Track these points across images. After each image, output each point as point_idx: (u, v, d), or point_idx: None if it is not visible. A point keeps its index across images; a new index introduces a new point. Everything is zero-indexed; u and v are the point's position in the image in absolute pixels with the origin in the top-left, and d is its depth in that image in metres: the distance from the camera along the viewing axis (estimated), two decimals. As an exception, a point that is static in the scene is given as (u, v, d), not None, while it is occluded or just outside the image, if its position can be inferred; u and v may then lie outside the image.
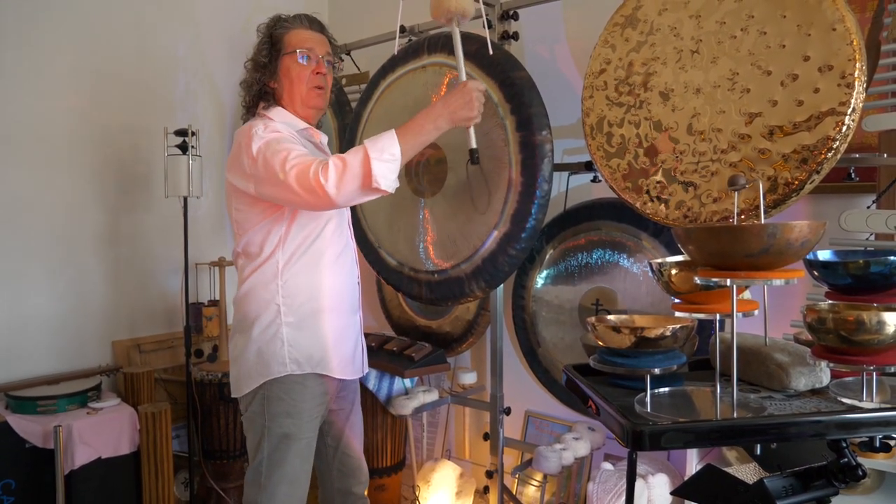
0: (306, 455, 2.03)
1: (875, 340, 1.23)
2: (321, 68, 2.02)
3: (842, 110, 1.77)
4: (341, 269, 2.08)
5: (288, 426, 1.98)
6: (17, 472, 2.62)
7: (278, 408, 1.98)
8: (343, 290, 2.08)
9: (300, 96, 2.00)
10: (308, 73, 2.00)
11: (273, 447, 1.98)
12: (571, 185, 2.92)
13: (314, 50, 2.02)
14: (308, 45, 2.01)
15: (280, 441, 1.98)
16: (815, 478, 1.36)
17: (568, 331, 2.86)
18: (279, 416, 1.98)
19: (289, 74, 2.00)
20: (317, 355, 2.00)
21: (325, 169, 1.73)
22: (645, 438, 1.20)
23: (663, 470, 2.52)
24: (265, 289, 2.01)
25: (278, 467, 1.97)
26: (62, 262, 3.07)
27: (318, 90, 2.03)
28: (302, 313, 1.99)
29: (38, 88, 2.99)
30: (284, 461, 1.97)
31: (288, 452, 1.97)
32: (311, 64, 2.00)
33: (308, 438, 2.02)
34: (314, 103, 2.03)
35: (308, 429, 2.02)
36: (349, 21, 4.00)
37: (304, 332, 1.99)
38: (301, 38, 2.02)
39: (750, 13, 1.97)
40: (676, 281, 1.46)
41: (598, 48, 2.30)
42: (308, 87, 2.00)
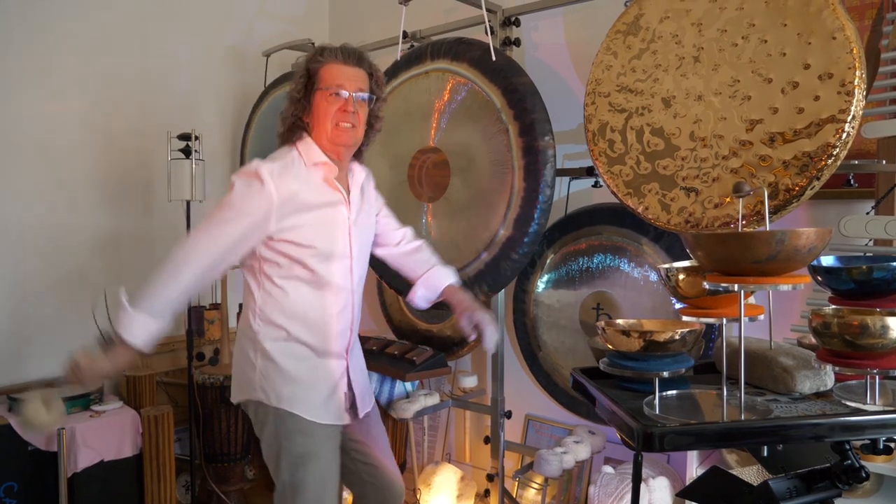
0: (330, 477, 1.96)
1: (879, 344, 1.26)
2: (349, 106, 1.95)
3: (842, 117, 1.80)
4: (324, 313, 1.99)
5: (305, 445, 1.92)
6: (20, 474, 2.62)
7: (292, 425, 1.93)
8: (323, 333, 1.99)
9: (326, 133, 1.96)
10: (334, 111, 1.95)
11: (292, 469, 1.92)
12: (572, 190, 2.95)
13: (343, 86, 1.95)
14: (338, 82, 1.95)
15: (298, 462, 1.92)
16: (818, 480, 1.39)
17: (568, 335, 2.88)
18: (293, 435, 1.93)
19: (318, 111, 1.96)
20: (285, 393, 1.94)
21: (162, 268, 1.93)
22: (655, 440, 1.22)
23: (664, 473, 2.54)
24: (248, 308, 2.02)
25: (301, 491, 1.91)
26: (65, 264, 3.08)
27: (345, 128, 1.96)
28: (274, 346, 1.96)
29: (43, 92, 3.00)
30: (306, 483, 1.91)
31: (307, 474, 1.91)
32: (338, 101, 1.95)
33: (326, 459, 1.96)
34: (340, 140, 1.97)
35: (328, 447, 1.97)
36: (350, 26, 4.03)
37: (274, 364, 1.95)
38: (332, 75, 1.96)
39: (751, 21, 2.00)
40: (684, 286, 1.49)
41: (601, 55, 2.33)
42: (333, 125, 1.95)
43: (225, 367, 3.23)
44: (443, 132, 2.74)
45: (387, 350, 3.17)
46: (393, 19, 2.88)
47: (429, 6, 3.07)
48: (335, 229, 1.98)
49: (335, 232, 1.98)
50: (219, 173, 3.65)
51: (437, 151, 2.75)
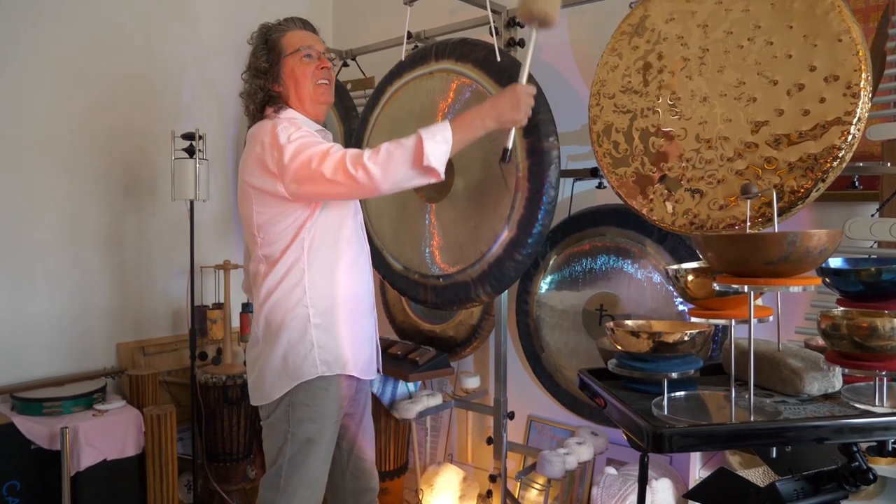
0: (325, 458, 2.04)
1: (888, 346, 1.26)
2: (325, 63, 2.04)
3: (847, 120, 1.80)
4: (359, 271, 2.10)
5: (311, 431, 1.99)
6: (23, 473, 2.62)
7: (303, 413, 1.99)
8: (361, 291, 2.10)
9: (308, 94, 2.01)
10: (312, 70, 2.01)
11: (295, 451, 1.99)
12: (576, 191, 2.95)
13: (314, 47, 2.03)
14: (307, 43, 2.03)
15: (303, 446, 1.99)
16: (825, 481, 1.39)
17: (571, 336, 2.89)
18: (303, 422, 1.99)
19: (293, 75, 2.01)
20: (343, 356, 2.02)
21: (371, 154, 1.81)
22: (665, 440, 1.22)
23: (666, 475, 2.54)
24: (292, 293, 2.01)
25: (298, 471, 1.98)
26: (68, 264, 3.08)
27: (325, 85, 2.04)
28: (327, 315, 2.01)
29: (46, 91, 3.00)
30: (305, 465, 1.99)
31: (308, 457, 1.99)
32: (314, 60, 2.02)
33: (328, 442, 2.04)
34: (323, 99, 2.04)
35: (329, 433, 2.04)
36: (355, 26, 4.03)
37: (330, 334, 2.00)
38: (299, 38, 2.04)
39: (757, 23, 2.00)
40: (693, 287, 1.49)
41: (606, 56, 2.33)
42: (314, 84, 2.02)
43: (227, 366, 3.23)
44: (447, 133, 2.74)
45: (389, 350, 3.17)
46: (397, 20, 2.88)
47: (433, 7, 3.07)
48: None
49: None
50: (222, 173, 3.65)
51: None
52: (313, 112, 2.05)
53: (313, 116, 2.05)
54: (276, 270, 2.01)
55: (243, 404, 3.09)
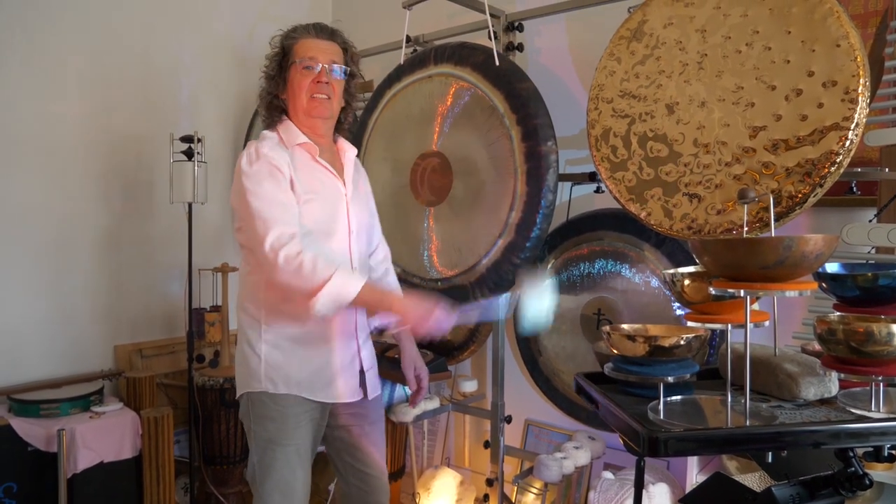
0: (297, 463, 1.96)
1: (884, 352, 1.26)
2: (322, 76, 1.97)
3: (845, 125, 1.80)
4: None
5: (272, 431, 1.94)
6: (20, 475, 2.62)
7: (262, 411, 1.96)
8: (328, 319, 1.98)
9: (302, 107, 1.98)
10: (308, 83, 1.97)
11: (261, 453, 1.95)
12: (574, 196, 2.95)
13: (316, 58, 1.98)
14: (310, 54, 1.98)
15: (267, 446, 1.94)
16: (822, 487, 1.39)
17: (569, 340, 2.88)
18: (263, 420, 1.95)
19: (293, 85, 1.98)
20: (294, 377, 1.96)
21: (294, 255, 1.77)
22: (660, 445, 1.22)
23: (664, 479, 2.54)
24: (251, 302, 2.01)
25: (268, 474, 1.94)
26: (66, 266, 3.08)
27: (320, 99, 1.98)
28: (282, 333, 1.97)
29: (46, 94, 3.00)
30: (273, 468, 1.93)
31: (275, 459, 1.94)
32: (311, 73, 1.97)
33: (296, 445, 1.96)
34: (316, 112, 1.99)
35: (295, 436, 1.96)
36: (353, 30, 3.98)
37: (283, 352, 1.97)
38: (306, 48, 1.99)
39: (755, 28, 2.00)
40: (689, 291, 1.49)
41: (604, 60, 2.33)
42: (308, 97, 1.97)
43: (225, 369, 3.23)
44: (445, 136, 2.74)
45: (387, 354, 3.16)
46: (396, 23, 2.89)
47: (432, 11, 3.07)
48: (332, 205, 2.00)
49: (333, 209, 1.99)
50: (221, 176, 3.65)
51: (439, 156, 2.75)
52: (307, 124, 2.01)
53: (308, 128, 2.01)
54: (244, 277, 2.05)
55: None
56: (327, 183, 2.00)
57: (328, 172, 2.01)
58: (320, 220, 1.95)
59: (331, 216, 1.98)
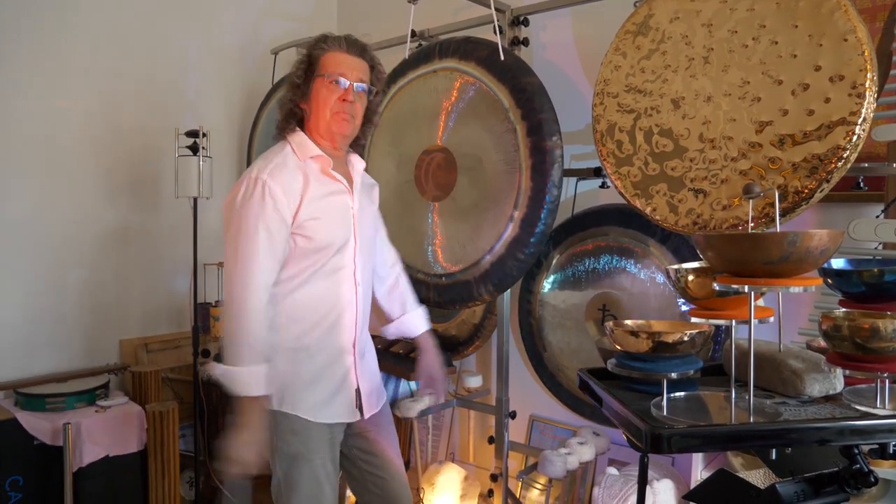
0: (324, 478, 1.93)
1: (890, 348, 1.25)
2: (348, 96, 1.94)
3: (852, 120, 1.79)
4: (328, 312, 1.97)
5: (296, 445, 1.91)
6: (26, 468, 2.64)
7: (284, 425, 1.92)
8: (326, 330, 1.96)
9: (324, 121, 1.94)
10: (334, 99, 1.93)
11: (286, 468, 1.92)
12: (579, 191, 2.94)
13: (345, 75, 1.94)
14: (340, 70, 1.93)
15: (291, 461, 1.92)
16: (826, 484, 1.38)
17: (574, 336, 2.88)
18: (285, 434, 1.92)
19: (317, 98, 1.94)
20: (288, 396, 1.92)
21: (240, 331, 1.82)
22: (663, 441, 1.22)
23: (668, 476, 2.53)
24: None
25: (294, 490, 1.90)
26: (72, 260, 3.09)
27: (343, 117, 1.96)
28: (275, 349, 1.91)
29: (52, 89, 3.00)
30: (299, 483, 1.90)
31: (301, 474, 1.91)
32: (338, 89, 1.93)
33: (322, 459, 1.93)
34: (337, 129, 1.96)
35: (320, 449, 1.93)
36: (358, 24, 4.02)
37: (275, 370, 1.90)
38: (335, 62, 1.95)
39: (762, 23, 1.99)
40: (693, 287, 1.48)
41: (610, 55, 2.32)
42: (331, 113, 1.94)
43: (230, 364, 3.23)
44: (450, 131, 2.74)
45: (391, 349, 3.17)
46: (401, 18, 2.88)
47: (437, 5, 3.07)
48: (339, 219, 1.97)
49: (339, 221, 1.96)
50: (226, 170, 3.66)
51: (444, 151, 2.74)
52: (327, 137, 1.98)
53: (326, 141, 1.98)
54: None
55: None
56: (336, 197, 1.97)
57: (339, 185, 1.98)
58: (326, 235, 1.92)
59: (337, 231, 1.95)
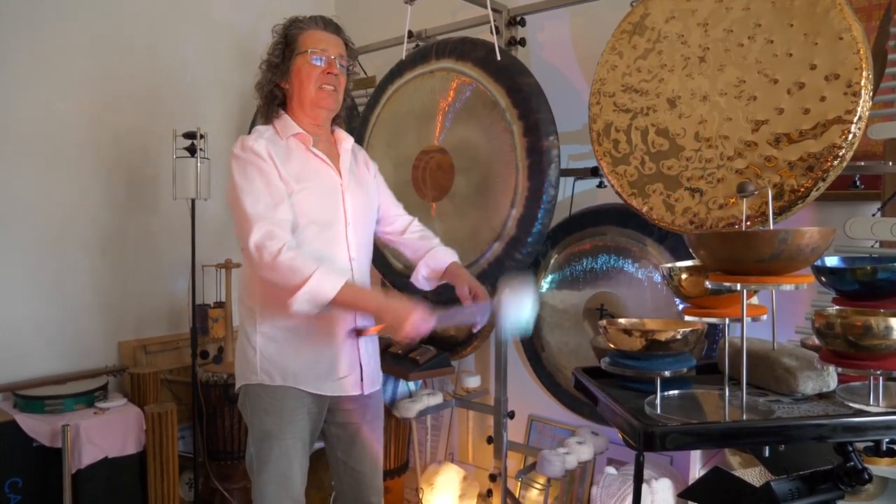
0: (293, 456, 1.97)
1: (882, 345, 1.25)
2: (332, 68, 1.99)
3: (848, 118, 1.79)
4: None
5: (268, 423, 1.95)
6: (25, 470, 2.63)
7: (257, 404, 1.97)
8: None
9: (309, 97, 1.98)
10: (318, 73, 1.97)
11: (258, 444, 1.96)
12: (577, 191, 2.94)
13: (327, 51, 1.99)
14: (321, 46, 1.99)
15: (263, 438, 1.96)
16: (821, 481, 1.38)
17: (572, 335, 2.88)
18: (258, 413, 1.97)
19: (299, 74, 1.98)
20: (290, 368, 1.96)
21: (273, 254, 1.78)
22: (656, 439, 1.22)
23: (667, 475, 2.53)
24: (247, 294, 2.02)
25: (265, 466, 1.95)
26: (70, 262, 3.09)
27: (328, 90, 2.00)
28: (277, 325, 1.97)
29: (49, 91, 3.01)
30: (269, 459, 1.94)
31: (271, 451, 1.94)
32: (322, 64, 1.98)
33: (292, 438, 1.96)
34: (324, 104, 2.00)
35: (291, 429, 1.96)
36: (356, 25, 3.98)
37: (278, 344, 1.97)
38: (315, 39, 2.00)
39: (757, 22, 1.99)
40: (686, 285, 1.48)
41: (606, 55, 2.32)
42: (317, 87, 1.98)
43: (229, 365, 3.23)
44: (447, 132, 2.74)
45: (390, 349, 3.17)
46: (398, 18, 2.88)
47: (434, 5, 3.07)
48: (327, 196, 1.98)
49: (328, 198, 1.98)
50: (224, 172, 3.64)
51: (441, 151, 2.75)
52: (311, 115, 2.01)
53: (310, 118, 2.02)
54: (243, 270, 2.07)
55: (243, 402, 3.09)
56: (321, 172, 1.99)
57: (322, 162, 2.00)
58: (313, 210, 1.94)
59: (325, 206, 1.97)
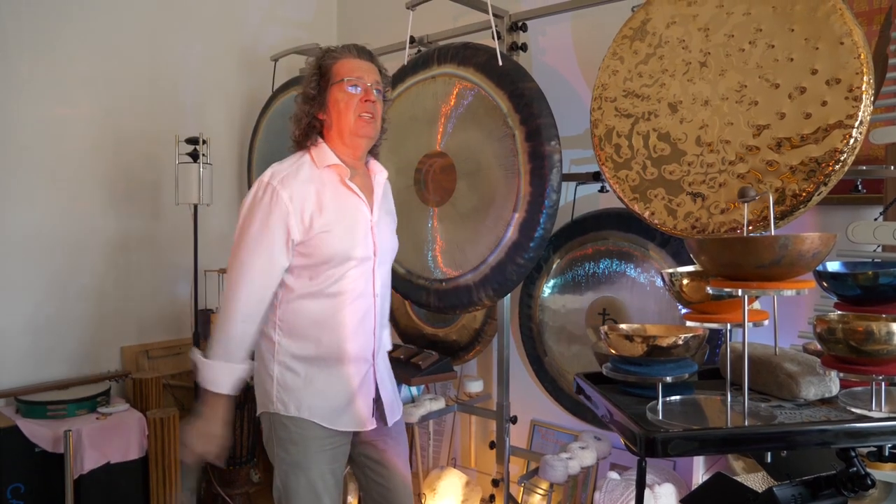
0: (321, 489, 1.93)
1: (884, 351, 1.24)
2: (369, 96, 1.96)
3: (849, 123, 1.79)
4: (345, 319, 1.97)
5: (294, 454, 1.92)
6: (27, 475, 2.64)
7: (284, 434, 1.94)
8: (344, 340, 1.97)
9: (348, 126, 1.95)
10: (356, 102, 1.94)
11: (284, 476, 1.93)
12: (579, 195, 2.94)
13: (363, 78, 1.96)
14: (356, 74, 1.96)
15: (290, 469, 1.93)
16: (824, 487, 1.38)
17: (574, 340, 2.88)
18: (284, 442, 1.94)
19: (337, 105, 1.95)
20: (306, 401, 1.94)
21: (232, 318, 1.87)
22: (658, 445, 1.21)
23: (670, 480, 2.53)
24: (267, 320, 1.99)
25: (292, 499, 1.92)
26: (73, 267, 3.10)
27: (367, 118, 1.96)
28: (294, 355, 1.96)
29: (53, 97, 3.02)
30: (297, 493, 1.92)
31: (298, 484, 1.92)
32: (358, 92, 1.95)
33: (320, 471, 1.94)
34: (363, 132, 1.97)
35: (318, 460, 1.94)
36: (358, 31, 4.04)
37: (294, 375, 1.95)
38: (349, 68, 1.97)
39: (758, 26, 1.99)
40: (688, 290, 1.48)
41: (607, 60, 2.32)
42: (356, 116, 1.95)
43: (231, 370, 3.23)
44: (449, 137, 2.74)
45: (392, 354, 3.14)
46: (400, 24, 2.89)
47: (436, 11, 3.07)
48: (356, 231, 1.96)
49: (356, 234, 1.96)
50: (226, 177, 3.67)
51: (443, 156, 2.75)
52: (351, 145, 1.98)
53: (350, 148, 1.99)
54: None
55: (247, 408, 3.09)
56: (352, 209, 1.97)
57: (355, 197, 1.97)
58: (339, 248, 1.92)
59: (352, 243, 1.95)
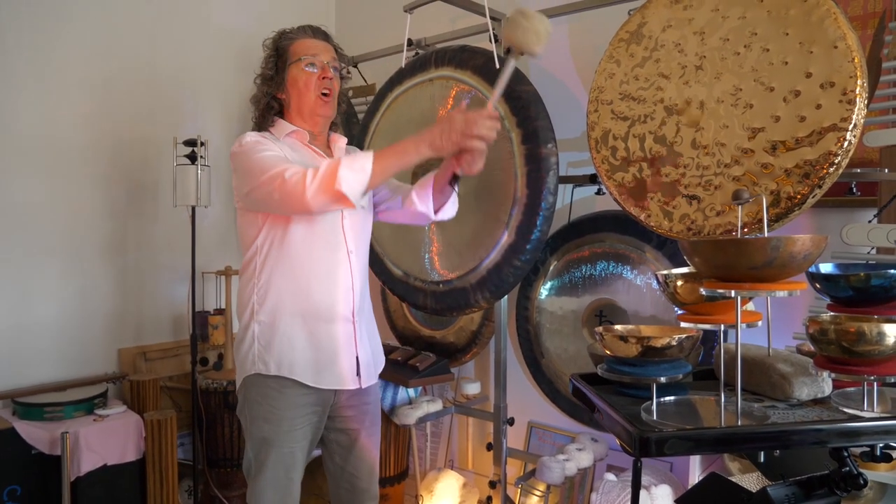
0: (290, 464, 1.99)
1: (876, 351, 1.26)
2: (327, 73, 2.03)
3: (843, 126, 1.80)
4: (321, 274, 2.00)
5: (266, 431, 1.96)
6: (24, 478, 2.64)
7: (256, 411, 1.98)
8: (322, 296, 1.99)
9: (308, 105, 2.02)
10: (314, 80, 2.01)
11: (256, 450, 1.98)
12: (575, 198, 2.95)
13: (319, 56, 2.03)
14: (313, 52, 2.03)
15: (260, 445, 1.97)
16: (817, 486, 1.39)
17: (571, 342, 2.88)
18: (257, 420, 1.98)
19: (296, 84, 2.02)
20: (286, 358, 1.97)
21: (302, 174, 1.76)
22: (651, 445, 1.23)
23: (666, 481, 2.54)
24: (246, 287, 2.05)
25: (261, 471, 1.97)
26: (70, 269, 3.10)
27: (325, 97, 2.03)
28: (274, 313, 1.98)
29: (50, 98, 3.02)
30: (266, 466, 1.96)
31: (268, 458, 1.96)
32: (316, 71, 2.02)
33: (291, 448, 1.98)
34: (321, 111, 2.04)
35: (289, 438, 1.97)
36: (356, 34, 4.05)
37: (274, 333, 1.97)
38: (306, 47, 2.04)
39: (753, 30, 2.00)
40: (682, 292, 1.49)
41: (604, 63, 2.34)
42: (315, 95, 2.01)
43: (228, 372, 3.24)
44: (446, 139, 2.75)
45: (390, 356, 3.17)
46: (398, 27, 2.90)
47: (434, 14, 3.08)
48: None
49: None
50: (224, 179, 3.67)
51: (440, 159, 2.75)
52: (310, 123, 2.05)
53: (309, 127, 2.05)
54: (243, 267, 2.08)
55: (244, 410, 3.09)
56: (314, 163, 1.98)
57: (318, 157, 2.03)
58: None
59: None
